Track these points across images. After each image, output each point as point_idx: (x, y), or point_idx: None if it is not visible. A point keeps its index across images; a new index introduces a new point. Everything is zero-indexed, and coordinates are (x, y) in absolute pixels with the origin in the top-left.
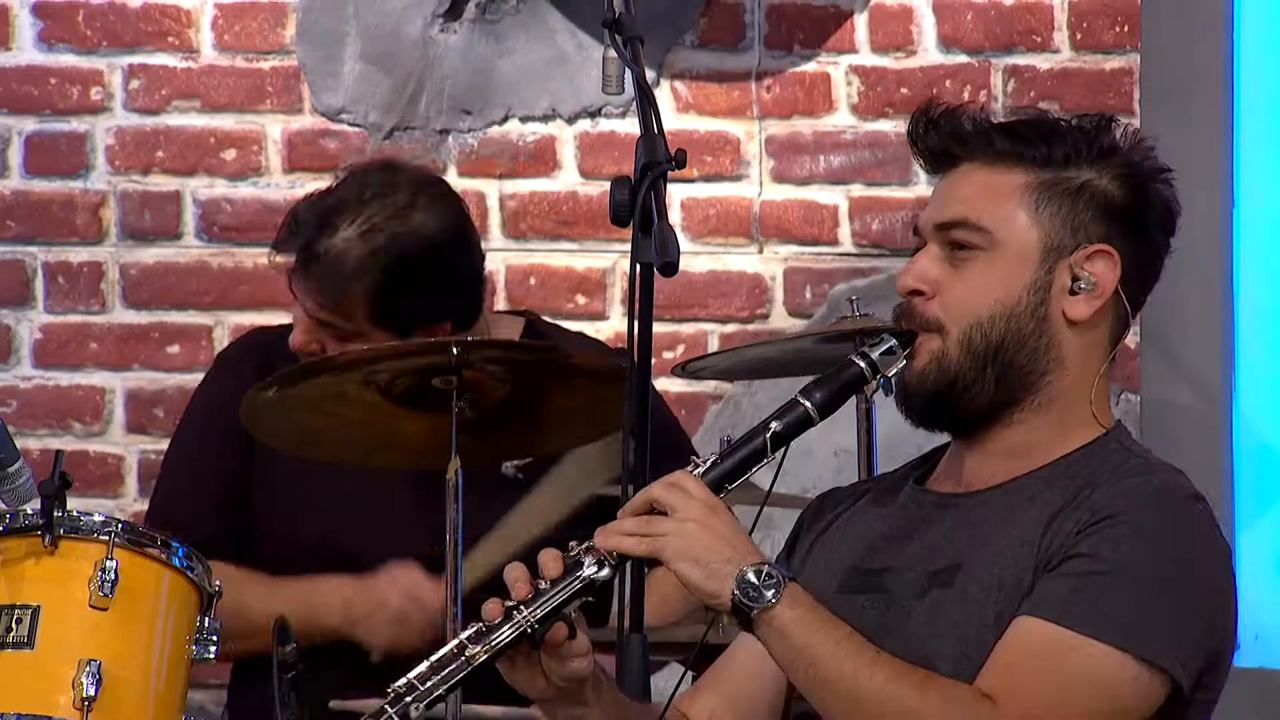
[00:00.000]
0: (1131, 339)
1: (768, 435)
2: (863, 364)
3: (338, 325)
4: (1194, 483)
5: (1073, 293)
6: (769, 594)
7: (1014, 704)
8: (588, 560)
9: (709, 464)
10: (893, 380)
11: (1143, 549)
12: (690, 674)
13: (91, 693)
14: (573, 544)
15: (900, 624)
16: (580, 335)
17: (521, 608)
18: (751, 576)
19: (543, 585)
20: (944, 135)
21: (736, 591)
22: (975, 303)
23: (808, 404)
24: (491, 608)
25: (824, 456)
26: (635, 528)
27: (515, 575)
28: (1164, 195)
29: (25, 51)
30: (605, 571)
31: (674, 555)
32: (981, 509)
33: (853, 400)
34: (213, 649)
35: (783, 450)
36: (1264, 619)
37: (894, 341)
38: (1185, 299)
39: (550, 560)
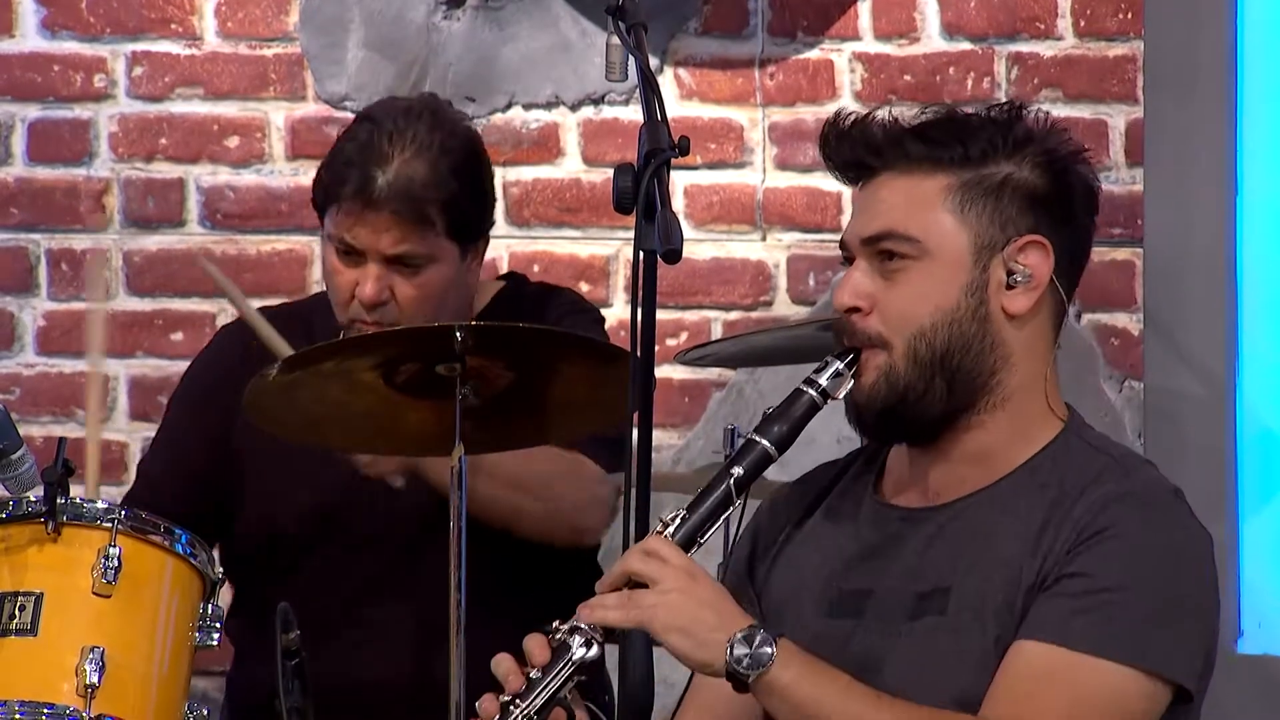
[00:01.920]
0: (1135, 327)
1: (730, 482)
2: (812, 391)
3: (411, 255)
4: (1197, 470)
5: (1009, 287)
6: (763, 658)
7: None
8: (575, 641)
9: (678, 522)
10: (843, 401)
11: (1138, 563)
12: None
13: (94, 680)
14: (556, 624)
15: (891, 648)
16: (569, 292)
17: (518, 701)
18: (741, 644)
19: (534, 674)
20: (857, 146)
21: (730, 661)
22: (915, 312)
23: (765, 442)
24: (487, 705)
25: (827, 444)
26: (618, 603)
27: (505, 668)
28: (1084, 176)
29: (28, 38)
30: (594, 651)
31: (662, 628)
32: (956, 524)
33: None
34: (215, 635)
35: (745, 494)
36: (1267, 606)
37: (839, 363)
38: (1188, 287)
39: (536, 647)
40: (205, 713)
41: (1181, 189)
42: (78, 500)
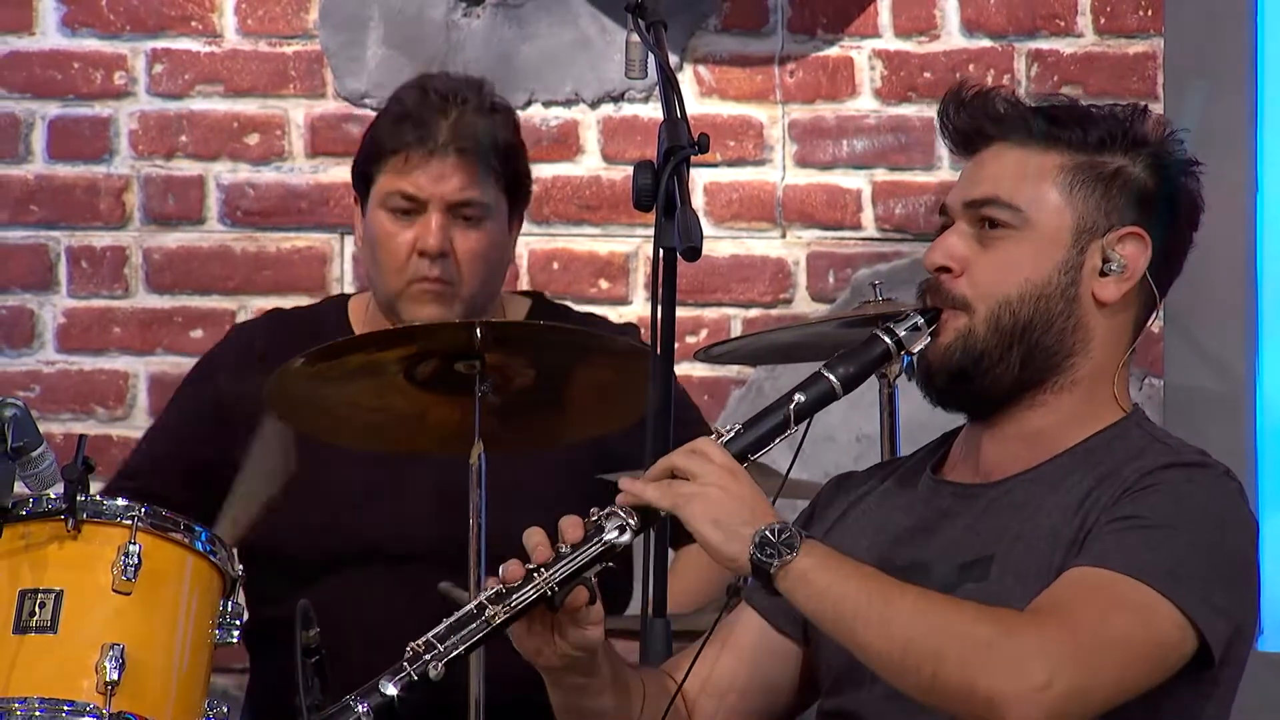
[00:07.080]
0: (1155, 324)
1: (791, 407)
2: (888, 340)
3: (473, 201)
4: None
5: (1103, 274)
6: (786, 550)
7: (1055, 619)
8: (609, 524)
9: (732, 434)
10: (915, 357)
11: (1182, 511)
12: None
13: (114, 677)
14: (593, 510)
15: None
16: (589, 315)
17: (543, 570)
18: (769, 535)
19: (563, 549)
20: (977, 115)
21: (755, 550)
22: (1005, 281)
23: (832, 377)
24: (512, 569)
25: (846, 442)
26: (658, 485)
27: (535, 540)
28: (1192, 189)
29: (49, 36)
30: (626, 536)
31: (696, 517)
32: (1005, 499)
33: (875, 385)
34: (235, 633)
35: (806, 424)
36: None
37: (919, 318)
38: (1208, 284)
39: (570, 525)
40: (225, 710)
41: (1201, 186)
42: (97, 498)
